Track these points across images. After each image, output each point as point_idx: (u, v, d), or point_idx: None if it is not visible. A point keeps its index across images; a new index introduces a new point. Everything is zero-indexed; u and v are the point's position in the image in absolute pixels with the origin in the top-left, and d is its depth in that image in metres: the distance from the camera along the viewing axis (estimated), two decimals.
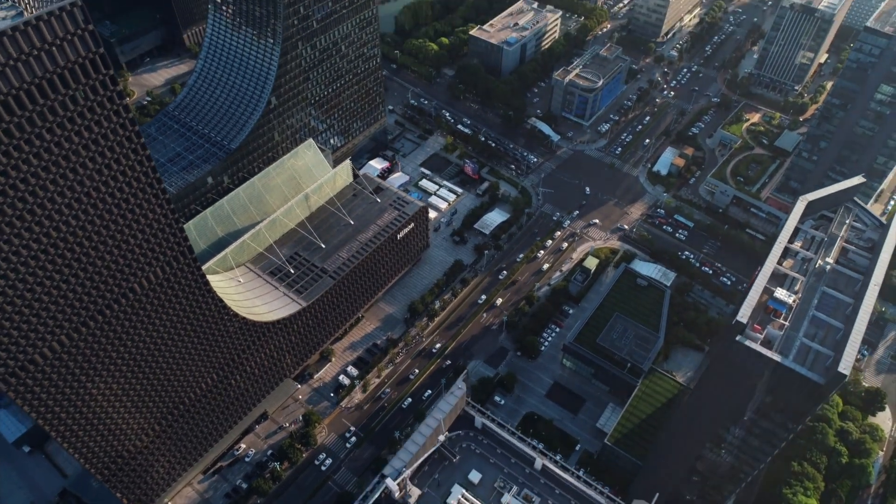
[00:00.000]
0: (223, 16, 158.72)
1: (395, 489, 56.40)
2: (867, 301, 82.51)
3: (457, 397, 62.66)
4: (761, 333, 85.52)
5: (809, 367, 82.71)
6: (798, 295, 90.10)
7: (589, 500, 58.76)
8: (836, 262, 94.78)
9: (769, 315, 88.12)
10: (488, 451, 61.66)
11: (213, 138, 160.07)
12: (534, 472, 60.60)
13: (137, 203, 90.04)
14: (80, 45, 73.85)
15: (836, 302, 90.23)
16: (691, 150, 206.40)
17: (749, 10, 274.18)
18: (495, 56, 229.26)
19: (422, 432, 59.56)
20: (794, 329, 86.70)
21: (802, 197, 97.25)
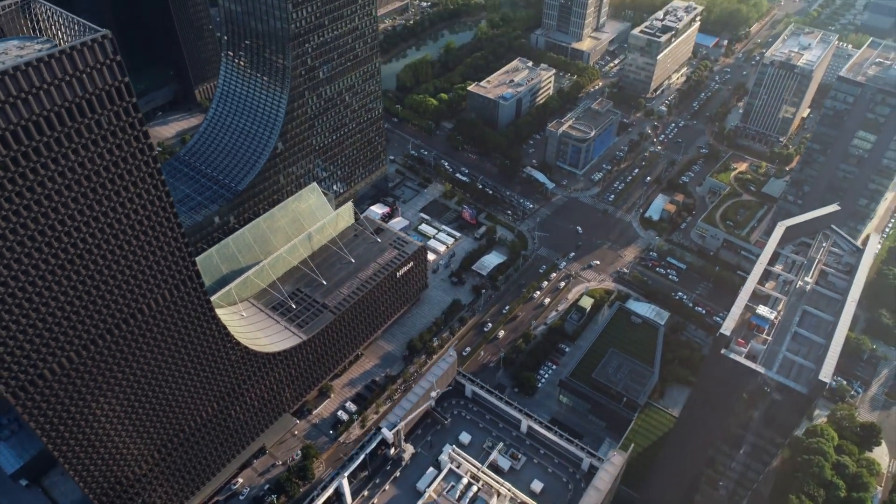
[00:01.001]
0: (235, 65, 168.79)
1: (389, 437, 58.90)
2: (845, 315, 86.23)
3: (448, 363, 65.86)
4: (745, 347, 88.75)
5: (794, 379, 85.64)
6: (780, 312, 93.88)
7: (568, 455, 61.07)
8: (816, 284, 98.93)
9: (752, 331, 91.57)
10: (478, 417, 64.45)
11: (221, 180, 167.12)
12: (520, 434, 63.26)
13: (150, 224, 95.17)
14: (107, 73, 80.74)
15: (817, 320, 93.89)
16: (682, 197, 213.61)
17: (734, 68, 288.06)
18: (492, 110, 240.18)
19: (415, 392, 62.54)
20: (777, 344, 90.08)
21: (781, 222, 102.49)
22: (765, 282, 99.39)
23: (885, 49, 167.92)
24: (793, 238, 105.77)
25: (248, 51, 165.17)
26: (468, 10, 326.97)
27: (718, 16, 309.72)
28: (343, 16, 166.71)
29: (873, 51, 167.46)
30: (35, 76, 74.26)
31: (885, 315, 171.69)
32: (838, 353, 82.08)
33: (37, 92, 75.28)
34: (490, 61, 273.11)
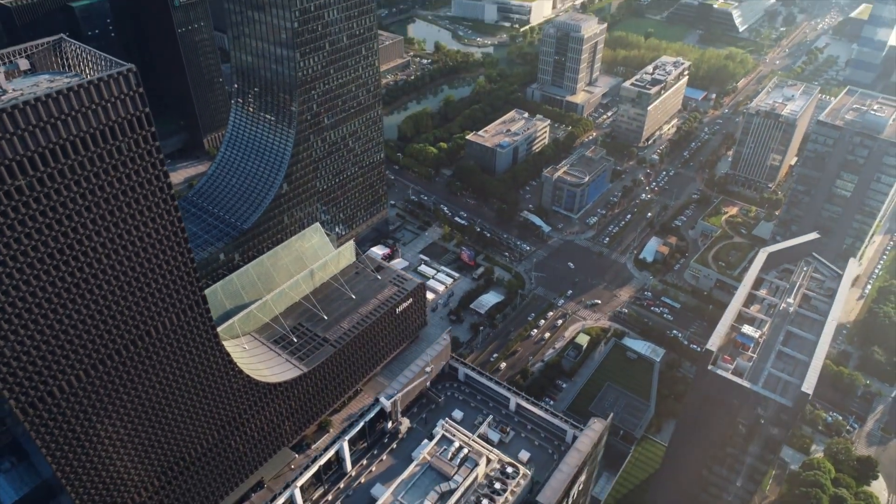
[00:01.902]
0: (244, 111, 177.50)
1: (387, 406, 61.56)
2: (826, 332, 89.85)
3: (442, 346, 69.16)
4: (731, 364, 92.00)
5: (779, 394, 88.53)
6: (765, 332, 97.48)
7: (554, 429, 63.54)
8: (799, 307, 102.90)
9: (738, 349, 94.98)
10: (470, 397, 67.24)
11: (227, 219, 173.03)
12: (509, 411, 66.10)
13: (162, 246, 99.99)
14: (129, 104, 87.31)
15: (800, 340, 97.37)
16: (675, 240, 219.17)
17: (723, 120, 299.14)
18: (490, 157, 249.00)
19: (411, 369, 65.63)
20: (762, 361, 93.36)
21: (763, 249, 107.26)
22: (750, 304, 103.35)
23: (861, 96, 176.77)
24: (776, 265, 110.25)
25: (257, 97, 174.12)
26: (467, 67, 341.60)
27: (706, 71, 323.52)
28: (347, 65, 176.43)
29: (850, 97, 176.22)
30: (64, 103, 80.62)
31: (878, 352, 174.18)
32: (820, 367, 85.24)
33: (65, 118, 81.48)
34: (488, 113, 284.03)
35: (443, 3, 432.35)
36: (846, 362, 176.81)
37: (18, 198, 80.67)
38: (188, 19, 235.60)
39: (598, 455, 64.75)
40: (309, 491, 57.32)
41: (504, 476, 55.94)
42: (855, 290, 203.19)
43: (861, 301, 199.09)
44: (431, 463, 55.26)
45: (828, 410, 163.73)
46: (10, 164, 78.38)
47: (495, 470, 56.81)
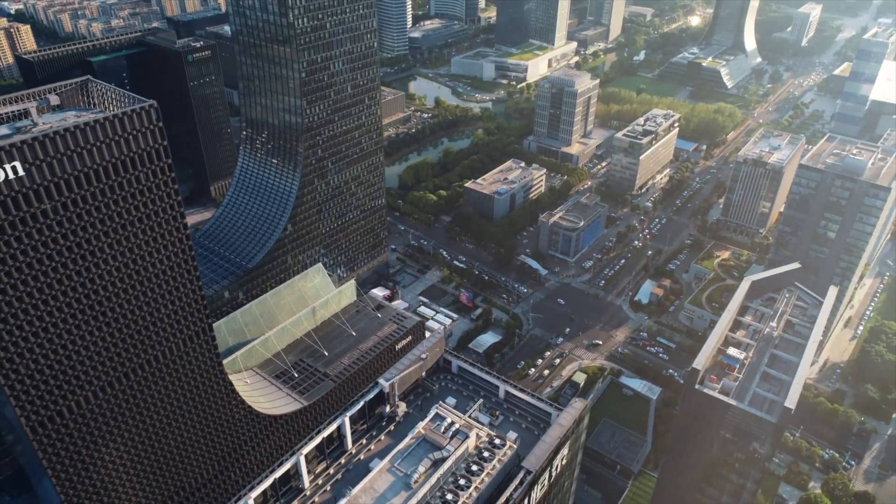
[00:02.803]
0: (251, 157, 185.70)
1: (386, 387, 64.57)
2: (808, 352, 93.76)
3: (435, 339, 72.89)
4: (718, 384, 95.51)
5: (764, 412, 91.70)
6: (750, 355, 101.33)
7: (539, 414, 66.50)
8: (783, 332, 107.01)
9: (724, 370, 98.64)
10: (462, 387, 70.58)
11: (232, 259, 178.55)
12: (499, 399, 69.30)
13: (173, 273, 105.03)
14: (150, 136, 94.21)
15: (784, 362, 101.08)
16: (669, 282, 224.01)
17: (713, 170, 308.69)
18: (487, 204, 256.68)
19: (408, 357, 69.09)
20: (748, 381, 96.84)
21: (747, 276, 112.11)
22: (736, 330, 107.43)
23: (840, 142, 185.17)
24: (760, 293, 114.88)
25: (265, 142, 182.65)
26: (466, 121, 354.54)
27: (697, 125, 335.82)
28: (351, 114, 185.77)
29: (830, 144, 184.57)
30: (90, 134, 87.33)
31: (871, 390, 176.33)
32: (801, 384, 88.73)
33: (90, 148, 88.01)
34: (486, 163, 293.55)
35: (443, 63, 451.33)
36: (841, 400, 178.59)
37: (44, 220, 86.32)
38: (200, 73, 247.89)
39: (580, 435, 67.91)
40: (312, 463, 60.28)
41: (492, 447, 59.35)
42: (847, 331, 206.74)
43: (854, 341, 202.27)
44: (425, 436, 58.84)
45: (824, 447, 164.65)
46: (38, 189, 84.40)
47: (484, 442, 60.20)
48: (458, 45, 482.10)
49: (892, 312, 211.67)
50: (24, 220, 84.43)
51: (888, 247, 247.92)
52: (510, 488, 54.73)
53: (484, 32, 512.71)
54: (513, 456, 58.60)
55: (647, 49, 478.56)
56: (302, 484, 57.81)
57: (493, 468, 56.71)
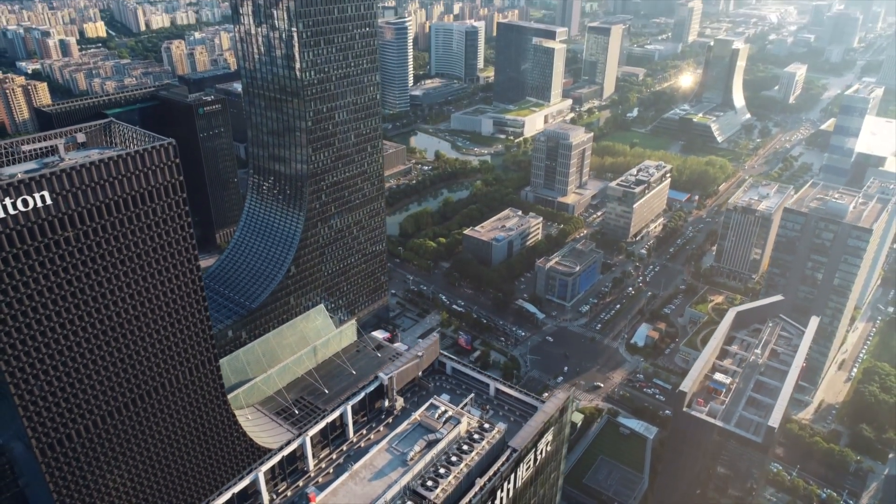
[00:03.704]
0: (258, 202, 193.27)
1: (385, 380, 67.98)
2: (791, 375, 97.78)
3: (430, 342, 76.74)
4: (705, 407, 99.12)
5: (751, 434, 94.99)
6: (736, 381, 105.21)
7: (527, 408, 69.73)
8: (768, 360, 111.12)
9: (711, 395, 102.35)
10: (456, 386, 74.19)
11: (236, 299, 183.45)
12: (489, 396, 72.82)
13: (183, 302, 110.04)
14: (167, 172, 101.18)
15: (769, 387, 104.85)
16: (664, 325, 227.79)
17: (706, 219, 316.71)
18: (486, 251, 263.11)
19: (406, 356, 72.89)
20: (734, 405, 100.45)
21: (732, 308, 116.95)
22: (723, 358, 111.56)
23: (823, 188, 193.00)
24: (746, 324, 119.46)
25: (271, 187, 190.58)
26: (465, 173, 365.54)
27: (689, 176, 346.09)
28: (354, 161, 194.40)
29: (813, 189, 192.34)
30: (113, 168, 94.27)
31: (867, 429, 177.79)
32: (785, 405, 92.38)
33: (112, 181, 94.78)
34: (484, 212, 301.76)
35: (443, 119, 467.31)
36: (837, 440, 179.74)
37: (66, 247, 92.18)
38: (209, 125, 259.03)
39: (564, 427, 71.42)
40: (317, 448, 63.61)
41: (482, 431, 63.23)
42: (842, 374, 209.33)
43: (848, 383, 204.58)
44: (421, 422, 62.91)
45: (822, 487, 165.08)
46: (63, 217, 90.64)
47: (475, 427, 64.05)
48: (457, 103, 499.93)
49: (885, 354, 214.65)
50: (49, 246, 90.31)
51: (879, 292, 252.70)
52: (497, 463, 58.54)
53: (482, 91, 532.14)
54: (500, 439, 62.63)
55: (640, 106, 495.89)
56: (307, 466, 61.33)
57: (483, 448, 60.71)
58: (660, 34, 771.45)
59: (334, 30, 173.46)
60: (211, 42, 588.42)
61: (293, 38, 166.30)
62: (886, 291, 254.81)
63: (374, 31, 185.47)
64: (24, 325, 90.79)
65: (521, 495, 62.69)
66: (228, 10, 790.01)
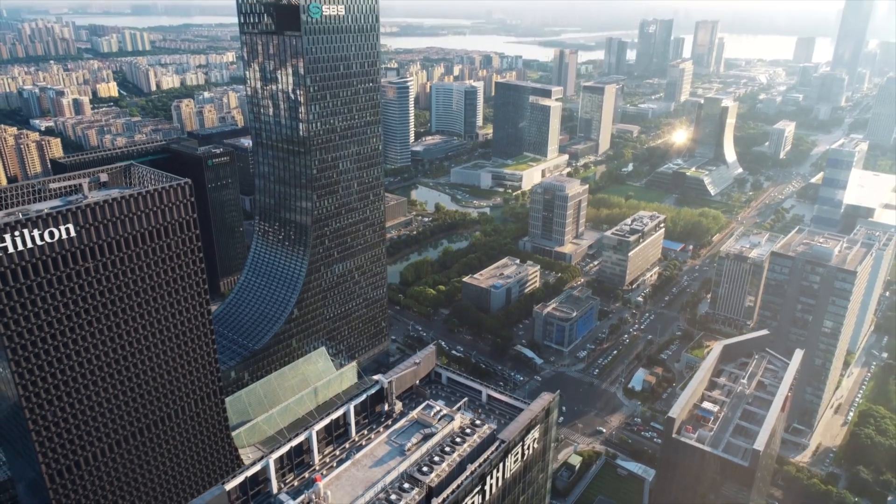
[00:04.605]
0: (263, 247, 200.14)
1: (385, 383, 71.50)
2: (777, 401, 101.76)
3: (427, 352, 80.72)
4: (694, 434, 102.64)
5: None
6: (723, 409, 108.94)
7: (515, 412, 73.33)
8: (755, 390, 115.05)
9: (700, 422, 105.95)
10: (451, 394, 77.82)
11: (240, 341, 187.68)
12: (482, 402, 76.45)
13: (192, 335, 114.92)
14: (182, 209, 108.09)
15: (757, 416, 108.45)
16: (661, 370, 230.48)
17: (700, 268, 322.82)
18: (484, 298, 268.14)
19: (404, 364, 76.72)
20: (722, 432, 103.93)
21: (720, 342, 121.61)
22: (712, 389, 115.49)
23: (809, 233, 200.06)
24: (734, 358, 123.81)
25: (276, 232, 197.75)
26: (464, 224, 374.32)
27: (683, 227, 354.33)
28: (356, 208, 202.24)
29: (799, 235, 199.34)
30: (133, 205, 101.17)
31: (864, 471, 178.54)
32: (770, 430, 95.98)
33: (131, 217, 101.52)
34: (483, 261, 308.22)
35: (443, 173, 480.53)
36: (835, 483, 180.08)
37: (86, 278, 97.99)
38: (218, 177, 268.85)
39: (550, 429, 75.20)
40: (322, 443, 67.24)
41: (474, 426, 67.31)
42: (838, 417, 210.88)
43: (845, 427, 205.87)
44: (418, 419, 67.18)
45: None
46: (85, 249, 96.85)
47: (467, 424, 68.09)
48: (457, 158, 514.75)
49: (880, 399, 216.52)
50: (70, 276, 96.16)
51: (872, 338, 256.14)
52: (487, 452, 62.60)
53: (481, 147, 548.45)
54: (491, 434, 66.99)
55: (635, 161, 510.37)
56: (312, 460, 65.04)
57: (474, 441, 65.07)
58: (653, 94, 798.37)
59: (340, 84, 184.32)
60: (219, 101, 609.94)
61: (302, 92, 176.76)
62: (880, 338, 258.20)
63: (377, 87, 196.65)
64: (42, 352, 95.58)
65: (511, 489, 66.32)
66: (236, 72, 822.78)
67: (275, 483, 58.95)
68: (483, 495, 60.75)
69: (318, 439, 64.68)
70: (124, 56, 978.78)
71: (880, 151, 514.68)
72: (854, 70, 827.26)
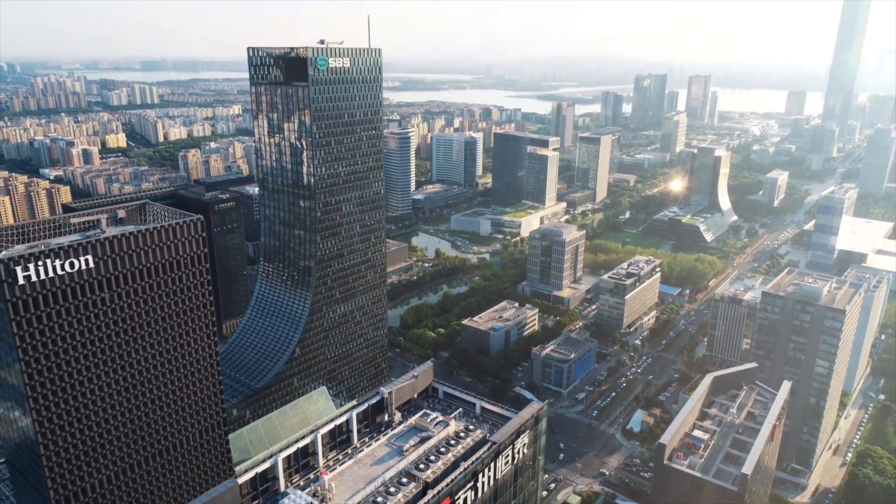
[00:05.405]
0: (266, 287, 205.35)
1: (385, 394, 74.59)
2: (765, 430, 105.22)
3: (425, 367, 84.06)
4: (685, 461, 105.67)
5: None
6: (714, 438, 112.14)
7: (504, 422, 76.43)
8: (745, 420, 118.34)
9: (690, 450, 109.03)
10: (447, 407, 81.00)
11: (242, 379, 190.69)
12: (476, 414, 79.48)
13: (198, 366, 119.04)
14: (194, 244, 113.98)
15: (746, 444, 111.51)
16: (659, 411, 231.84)
17: (697, 312, 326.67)
18: (484, 340, 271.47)
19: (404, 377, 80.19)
20: (712, 459, 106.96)
21: (710, 373, 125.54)
22: (703, 420, 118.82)
23: (798, 274, 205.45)
24: (724, 390, 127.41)
25: (280, 272, 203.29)
26: (464, 269, 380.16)
27: (679, 272, 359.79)
28: (359, 249, 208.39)
29: (789, 276, 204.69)
30: (149, 238, 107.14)
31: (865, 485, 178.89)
32: (758, 455, 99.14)
33: (146, 250, 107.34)
34: (483, 305, 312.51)
35: (443, 220, 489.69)
36: None
37: (102, 307, 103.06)
38: (224, 221, 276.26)
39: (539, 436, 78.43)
40: (326, 448, 70.55)
41: (467, 430, 70.97)
42: (837, 458, 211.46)
43: (844, 468, 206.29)
44: (416, 425, 70.84)
45: None
46: (102, 280, 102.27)
47: (461, 429, 71.74)
48: (457, 206, 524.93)
49: (879, 440, 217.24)
50: (87, 305, 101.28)
51: (869, 380, 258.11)
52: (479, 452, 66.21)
53: (481, 195, 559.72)
54: (483, 438, 70.74)
55: (632, 209, 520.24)
56: (317, 462, 68.46)
57: (468, 443, 68.81)
58: (649, 145, 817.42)
59: (344, 132, 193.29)
60: (225, 151, 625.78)
61: (308, 139, 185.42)
62: (877, 380, 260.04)
63: (379, 134, 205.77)
64: (57, 378, 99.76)
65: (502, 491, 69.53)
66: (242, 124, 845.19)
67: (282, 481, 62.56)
68: (475, 492, 64.39)
69: (323, 443, 68.55)
70: (133, 109, 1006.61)
71: (872, 200, 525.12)
72: (844, 122, 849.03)
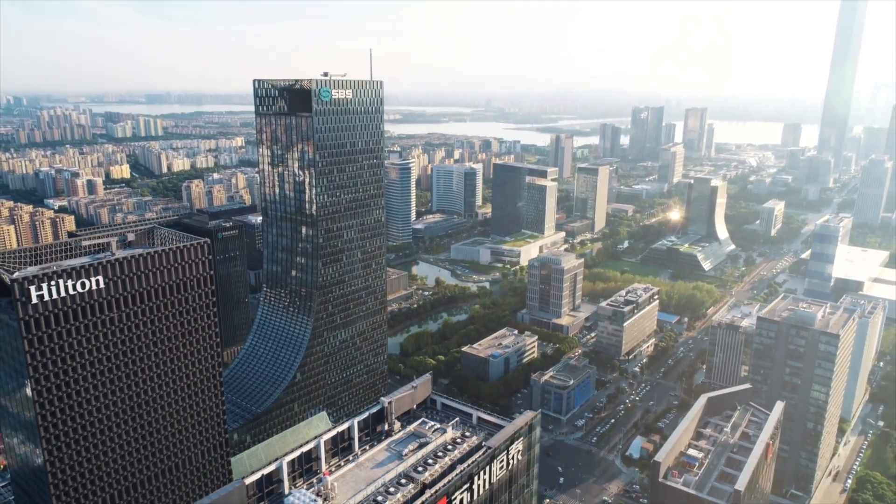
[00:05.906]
0: (270, 308, 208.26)
1: (385, 403, 76.62)
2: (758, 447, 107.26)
3: (423, 379, 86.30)
4: (680, 478, 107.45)
5: None
6: (708, 456, 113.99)
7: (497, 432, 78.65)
8: (739, 440, 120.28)
9: (685, 468, 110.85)
10: (445, 418, 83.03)
11: (243, 404, 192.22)
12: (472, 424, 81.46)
13: (202, 386, 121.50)
14: (200, 266, 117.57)
15: (741, 463, 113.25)
16: (659, 438, 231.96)
17: (696, 340, 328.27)
18: (483, 367, 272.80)
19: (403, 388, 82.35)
20: (706, 477, 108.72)
21: (704, 394, 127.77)
22: (698, 440, 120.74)
23: (793, 300, 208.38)
24: (719, 411, 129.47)
25: (282, 298, 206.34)
26: (464, 297, 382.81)
27: (678, 300, 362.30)
28: (359, 275, 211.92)
29: (784, 301, 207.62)
30: (157, 260, 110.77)
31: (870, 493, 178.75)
32: (752, 471, 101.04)
33: (154, 271, 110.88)
34: (482, 332, 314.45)
35: (443, 250, 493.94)
36: None
37: (111, 326, 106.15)
38: (226, 249, 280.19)
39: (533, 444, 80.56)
40: (328, 454, 72.60)
41: (464, 437, 73.27)
42: (837, 485, 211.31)
43: (844, 494, 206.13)
44: (414, 431, 73.20)
45: None
46: (111, 300, 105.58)
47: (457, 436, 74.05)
48: (457, 235, 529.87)
49: (878, 466, 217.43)
50: (97, 324, 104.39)
51: (868, 407, 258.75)
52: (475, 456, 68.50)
53: (481, 225, 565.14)
54: (479, 444, 73.25)
55: (630, 238, 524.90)
56: (319, 468, 70.67)
57: (464, 448, 71.19)
58: (647, 176, 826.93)
59: (346, 160, 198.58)
60: (228, 182, 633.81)
61: (310, 167, 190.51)
62: (876, 407, 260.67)
63: (380, 162, 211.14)
64: (65, 395, 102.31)
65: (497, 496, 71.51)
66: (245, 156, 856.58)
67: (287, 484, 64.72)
68: (471, 493, 66.57)
69: (325, 449, 70.89)
70: (138, 141, 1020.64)
71: (868, 230, 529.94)
72: (840, 153, 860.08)
